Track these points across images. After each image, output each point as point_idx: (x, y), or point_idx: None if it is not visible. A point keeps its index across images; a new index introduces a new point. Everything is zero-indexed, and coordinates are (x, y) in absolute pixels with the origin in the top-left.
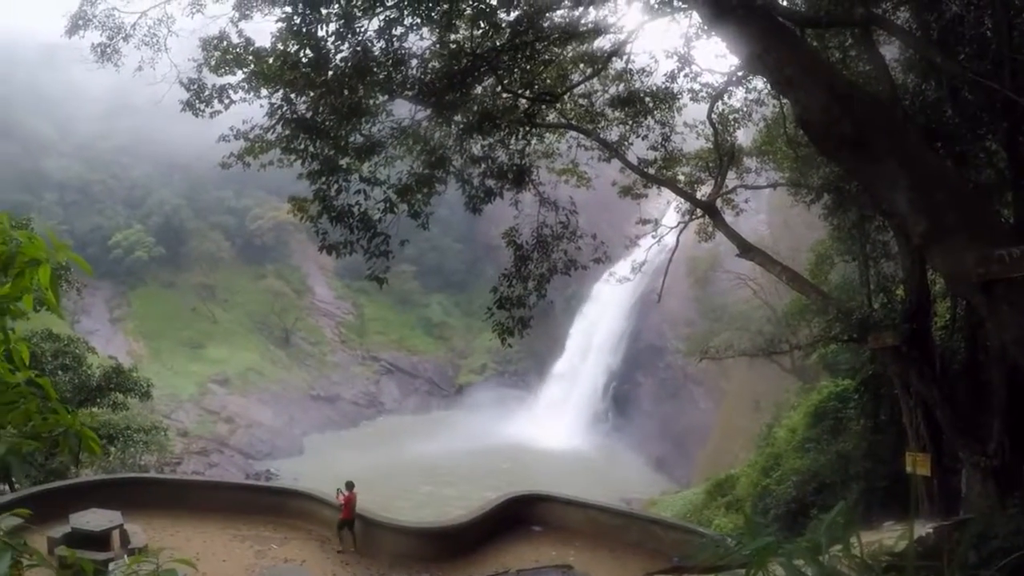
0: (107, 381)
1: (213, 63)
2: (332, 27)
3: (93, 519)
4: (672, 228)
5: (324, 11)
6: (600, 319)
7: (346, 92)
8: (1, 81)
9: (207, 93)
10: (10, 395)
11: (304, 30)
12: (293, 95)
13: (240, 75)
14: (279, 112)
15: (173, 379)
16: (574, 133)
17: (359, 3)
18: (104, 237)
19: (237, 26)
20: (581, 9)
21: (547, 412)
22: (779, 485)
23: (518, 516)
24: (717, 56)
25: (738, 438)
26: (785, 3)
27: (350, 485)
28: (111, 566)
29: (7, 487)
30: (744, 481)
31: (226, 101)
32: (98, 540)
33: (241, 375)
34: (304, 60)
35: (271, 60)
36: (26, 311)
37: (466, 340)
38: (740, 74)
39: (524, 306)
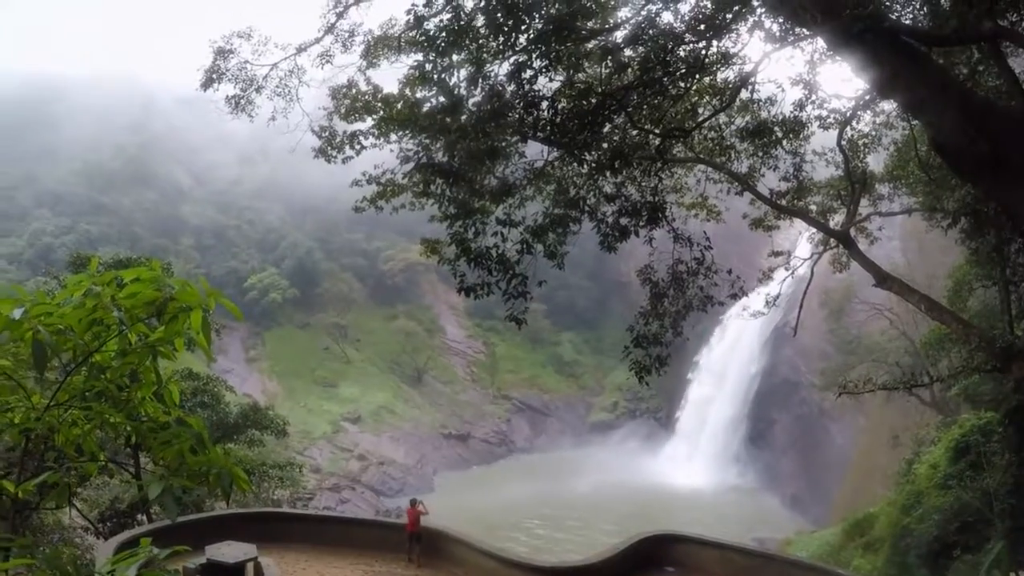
0: (244, 419)
1: (343, 111)
2: (463, 73)
3: (228, 551)
4: (806, 259)
5: (455, 58)
6: (732, 354)
7: (480, 136)
8: (138, 132)
9: (338, 140)
10: (164, 435)
11: (436, 77)
12: (428, 140)
13: (370, 121)
14: (415, 157)
15: (307, 417)
16: (702, 166)
17: (489, 49)
18: (239, 279)
19: (365, 74)
20: (705, 42)
21: (679, 449)
22: (920, 524)
23: (651, 557)
24: (843, 80)
25: (876, 475)
26: (909, 22)
27: (413, 502)
28: None
29: (145, 518)
30: (883, 520)
31: (357, 147)
32: (232, 572)
33: (373, 413)
34: (438, 106)
35: (399, 106)
36: (178, 353)
37: (597, 378)
38: (868, 98)
39: (661, 344)
